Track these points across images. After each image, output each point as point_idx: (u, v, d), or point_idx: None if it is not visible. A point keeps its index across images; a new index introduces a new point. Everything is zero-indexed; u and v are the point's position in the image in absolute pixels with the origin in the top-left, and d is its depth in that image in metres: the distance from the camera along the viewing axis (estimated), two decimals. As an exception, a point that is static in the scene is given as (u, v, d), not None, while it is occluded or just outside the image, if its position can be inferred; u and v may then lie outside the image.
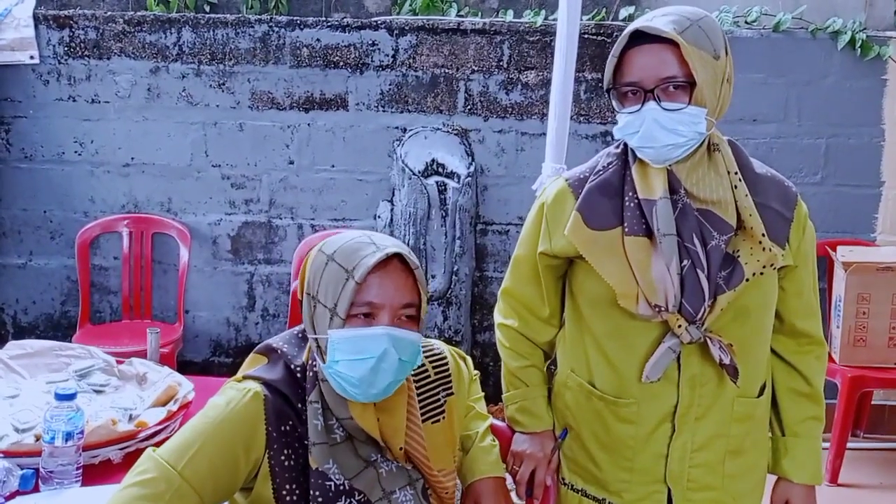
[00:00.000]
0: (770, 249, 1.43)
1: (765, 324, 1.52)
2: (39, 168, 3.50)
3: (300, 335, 1.40)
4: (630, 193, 1.47)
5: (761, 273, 1.44)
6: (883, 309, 3.19)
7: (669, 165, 1.44)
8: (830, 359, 3.30)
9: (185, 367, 3.53)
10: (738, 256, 1.43)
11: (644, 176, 1.46)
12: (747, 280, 1.42)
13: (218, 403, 1.31)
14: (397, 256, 1.31)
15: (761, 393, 1.55)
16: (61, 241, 3.54)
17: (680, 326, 1.42)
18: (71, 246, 3.48)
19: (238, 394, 1.31)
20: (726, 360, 1.44)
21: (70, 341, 3.29)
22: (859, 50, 3.36)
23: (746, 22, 3.42)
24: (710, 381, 1.48)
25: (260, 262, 3.58)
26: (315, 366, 1.33)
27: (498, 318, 1.66)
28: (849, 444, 3.21)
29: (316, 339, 1.32)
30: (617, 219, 1.47)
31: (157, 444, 1.36)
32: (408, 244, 3.42)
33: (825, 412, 3.26)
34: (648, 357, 1.46)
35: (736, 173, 1.46)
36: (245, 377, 1.35)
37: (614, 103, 1.48)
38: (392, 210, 3.49)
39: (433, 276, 3.46)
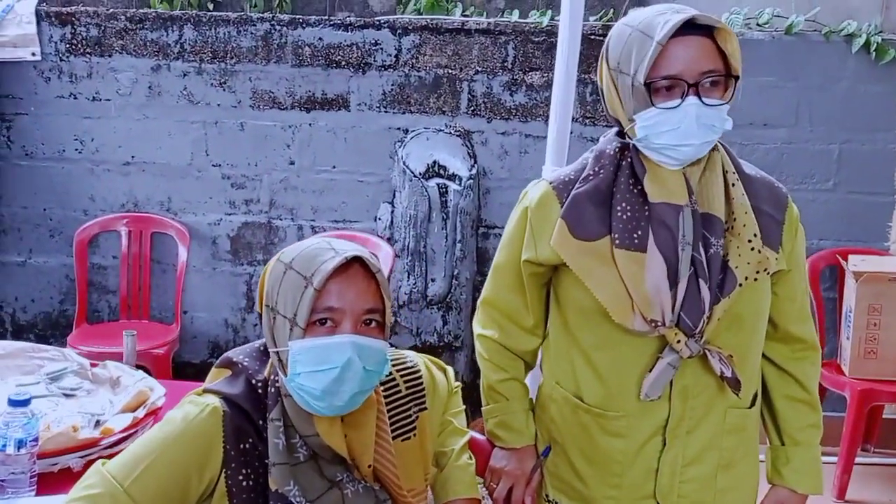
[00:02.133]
0: (759, 251, 1.38)
1: (758, 331, 1.47)
2: (40, 166, 3.49)
3: (262, 349, 1.34)
4: (623, 204, 1.38)
5: (755, 279, 1.38)
6: (895, 320, 3.09)
7: (683, 168, 1.38)
8: (840, 371, 3.21)
9: (182, 369, 3.51)
10: (728, 261, 1.37)
11: (661, 180, 1.38)
12: (740, 285, 1.36)
13: (174, 418, 1.26)
14: (357, 260, 1.25)
15: (753, 403, 1.49)
16: (61, 240, 3.52)
17: (679, 342, 1.36)
18: (70, 244, 3.46)
19: (195, 409, 1.26)
20: (728, 373, 1.38)
21: (66, 341, 3.29)
22: (874, 53, 3.26)
23: (758, 24, 3.33)
24: (702, 392, 1.42)
25: (259, 263, 3.54)
26: (277, 381, 1.27)
27: (477, 328, 1.58)
28: (858, 459, 3.12)
29: (277, 353, 1.26)
30: (605, 228, 1.39)
31: (119, 452, 1.31)
32: (408, 247, 3.37)
33: (834, 426, 3.21)
34: (642, 371, 1.39)
35: (734, 173, 1.41)
36: (205, 391, 1.30)
37: (634, 99, 1.36)
38: (392, 212, 3.44)
39: (433, 280, 3.40)
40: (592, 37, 3.18)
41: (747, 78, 3.26)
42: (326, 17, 3.41)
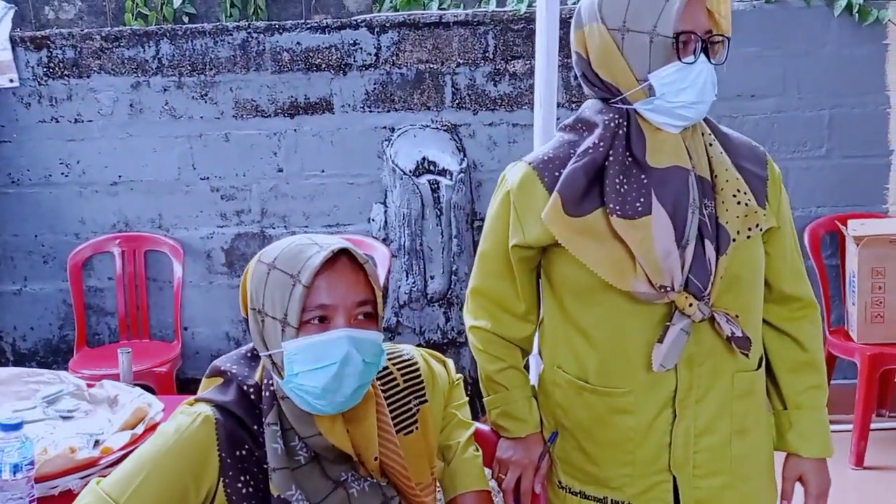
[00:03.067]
0: (747, 204, 1.36)
1: (757, 291, 1.45)
2: (27, 192, 3.46)
3: (249, 355, 1.31)
4: (620, 176, 1.34)
5: (748, 236, 1.37)
6: (899, 282, 3.07)
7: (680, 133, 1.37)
8: (848, 338, 3.18)
9: (187, 385, 3.48)
10: (718, 218, 1.36)
11: (665, 144, 1.35)
12: (734, 240, 1.35)
13: (166, 430, 1.23)
14: (344, 253, 1.22)
15: (759, 365, 1.47)
16: (55, 265, 3.50)
17: (691, 305, 1.32)
18: (64, 269, 3.43)
19: (187, 419, 1.23)
20: (738, 333, 1.35)
21: (67, 366, 3.26)
22: (857, 15, 3.23)
23: (738, -6, 3.31)
24: (707, 359, 1.39)
25: (255, 274, 3.50)
26: (271, 385, 1.24)
27: (468, 320, 1.54)
28: (874, 425, 3.09)
29: (269, 356, 1.23)
30: (597, 201, 1.36)
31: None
32: (404, 246, 3.35)
33: (847, 393, 3.17)
34: (649, 343, 1.36)
35: (709, 134, 1.41)
36: (197, 400, 1.27)
37: (653, 54, 1.33)
38: (386, 212, 3.42)
39: (432, 278, 3.38)
40: (570, 20, 3.15)
41: (731, 49, 3.24)
42: (303, 21, 3.38)
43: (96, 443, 1.61)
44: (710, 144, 1.40)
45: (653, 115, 1.36)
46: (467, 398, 1.54)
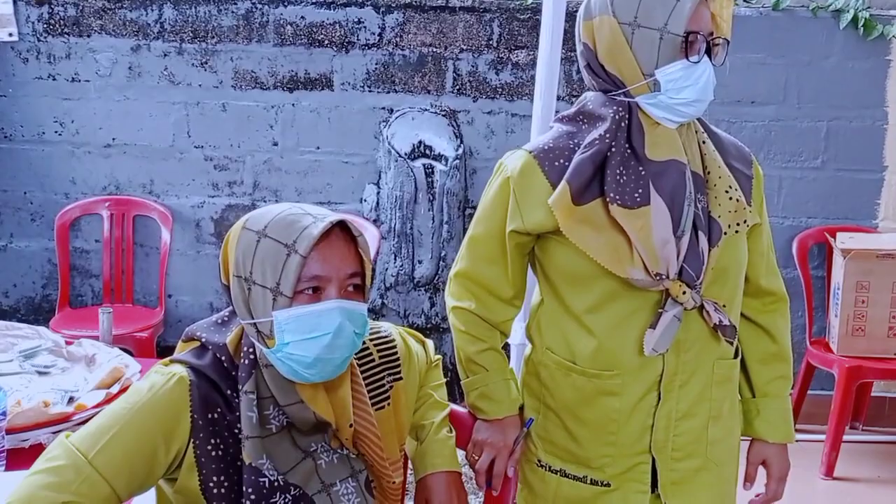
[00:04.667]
0: (738, 199, 1.42)
1: (740, 285, 1.51)
2: (19, 148, 3.43)
3: (220, 321, 1.31)
4: (621, 168, 1.38)
5: (736, 231, 1.42)
6: (883, 297, 3.08)
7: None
8: (828, 349, 3.20)
9: (167, 352, 3.41)
10: (711, 212, 1.41)
11: (664, 138, 1.40)
12: (725, 233, 1.41)
13: (140, 388, 1.23)
14: (338, 224, 1.21)
15: (737, 355, 1.53)
16: (42, 224, 3.48)
17: (685, 293, 1.38)
18: (51, 228, 3.41)
19: (162, 378, 1.23)
20: (725, 321, 1.42)
21: (48, 325, 3.25)
22: (862, 29, 3.23)
23: (745, 0, 3.30)
24: (693, 345, 1.44)
25: (244, 246, 3.49)
26: (251, 353, 1.24)
27: (451, 301, 1.56)
28: (847, 437, 3.12)
29: (255, 324, 1.22)
30: (598, 191, 1.40)
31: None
32: (394, 229, 3.34)
33: (823, 404, 3.19)
34: (641, 328, 1.40)
35: (702, 132, 1.46)
36: (172, 360, 1.27)
37: (663, 51, 1.36)
38: (378, 193, 3.41)
39: (420, 262, 3.37)
40: (576, 13, 3.14)
41: (735, 55, 3.23)
42: (309, -4, 3.36)
43: (70, 399, 1.61)
44: (704, 142, 1.45)
45: (654, 109, 1.39)
46: (445, 381, 1.54)
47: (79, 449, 1.17)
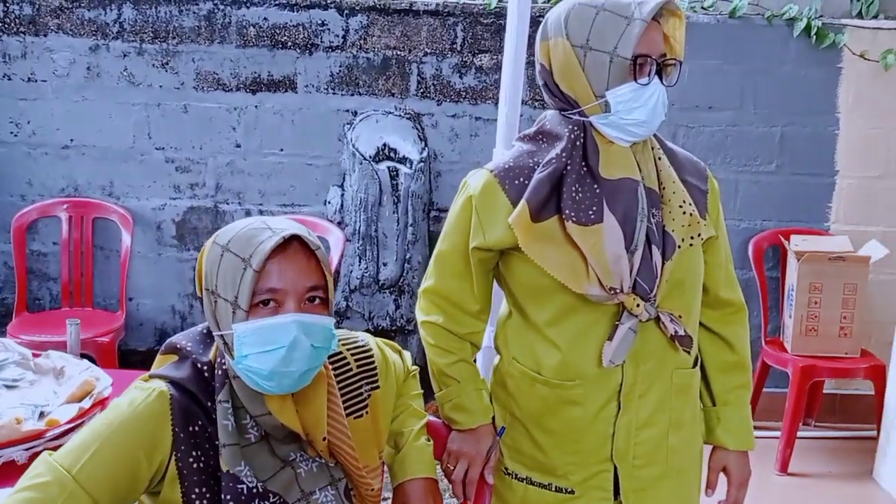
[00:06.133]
0: (691, 214, 1.46)
1: (697, 296, 1.55)
2: (-27, 149, 3.36)
3: (205, 332, 1.32)
4: (577, 185, 1.42)
5: (690, 244, 1.46)
6: (834, 299, 3.19)
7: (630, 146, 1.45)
8: (782, 348, 3.29)
9: (128, 356, 3.44)
10: (665, 226, 1.45)
11: (617, 157, 1.44)
12: (679, 247, 1.45)
13: (120, 404, 1.24)
14: (296, 238, 1.23)
15: (695, 364, 1.57)
16: (-3, 226, 3.41)
17: (638, 306, 1.42)
18: (8, 230, 3.34)
19: (142, 394, 1.24)
20: (680, 332, 1.46)
21: (5, 330, 3.18)
22: (815, 37, 3.33)
23: (703, 7, 3.38)
24: (651, 356, 1.48)
25: (206, 249, 3.47)
26: (224, 364, 1.26)
27: (420, 316, 1.60)
28: (801, 434, 3.21)
29: (221, 336, 1.24)
30: (554, 209, 1.44)
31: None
32: (359, 231, 3.34)
33: (777, 401, 3.29)
34: (600, 340, 1.44)
35: (658, 148, 1.51)
36: (151, 376, 1.28)
37: (612, 74, 1.40)
38: (342, 196, 3.41)
39: (385, 264, 3.39)
40: (540, 18, 3.17)
41: (693, 61, 3.33)
42: (272, -3, 3.34)
43: (41, 414, 1.59)
44: (660, 158, 1.49)
45: (607, 129, 1.44)
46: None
47: (62, 465, 1.17)
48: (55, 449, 1.24)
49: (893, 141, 3.41)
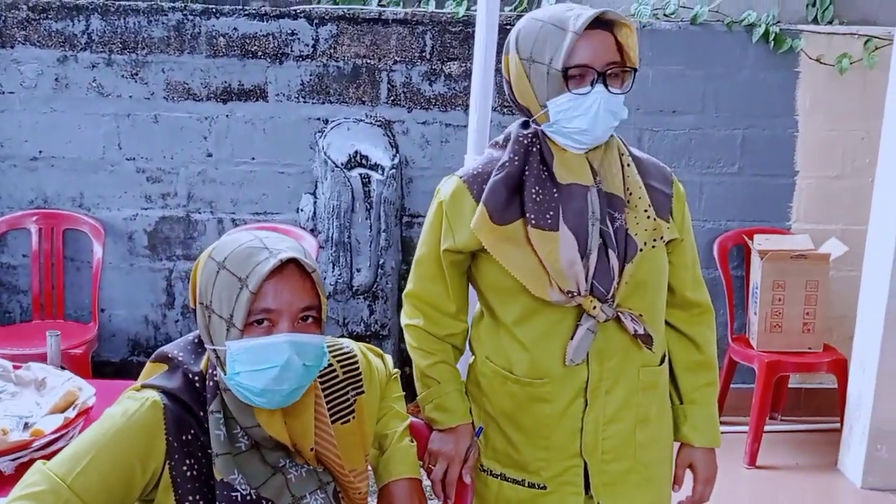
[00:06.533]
0: (654, 219, 1.51)
1: (660, 296, 1.60)
2: (-61, 162, 3.33)
3: (196, 342, 1.34)
4: (536, 188, 1.48)
5: (653, 245, 1.51)
6: (797, 295, 3.28)
7: (587, 153, 1.49)
8: (748, 345, 3.38)
9: (101, 368, 3.42)
10: (629, 230, 1.50)
11: (569, 163, 1.49)
12: (641, 250, 1.49)
13: (113, 413, 1.26)
14: (292, 261, 1.26)
15: (662, 362, 1.62)
16: (-35, 239, 3.37)
17: (595, 307, 1.47)
18: (-24, 244, 3.32)
19: (135, 403, 1.26)
20: (640, 331, 1.50)
21: (-25, 344, 3.15)
22: (773, 43, 3.43)
23: (665, 14, 3.46)
24: (616, 354, 1.53)
25: (179, 258, 3.47)
26: (215, 375, 1.28)
27: (404, 320, 1.65)
28: (768, 427, 3.30)
29: (214, 350, 1.27)
30: (518, 212, 1.50)
31: (54, 453, 1.29)
32: (332, 238, 3.37)
33: (745, 396, 3.37)
34: (564, 339, 1.50)
35: (627, 155, 1.55)
36: (143, 386, 1.30)
37: (549, 85, 1.46)
38: (315, 203, 3.43)
39: (358, 270, 3.41)
40: (508, 27, 3.23)
41: (656, 66, 3.41)
42: (241, 7, 3.36)
43: (25, 425, 1.59)
44: (628, 165, 1.54)
45: (556, 136, 1.51)
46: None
47: (57, 474, 1.19)
48: (43, 458, 1.26)
49: (850, 142, 3.52)
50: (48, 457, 1.26)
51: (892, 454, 3.08)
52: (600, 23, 1.44)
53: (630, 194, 1.52)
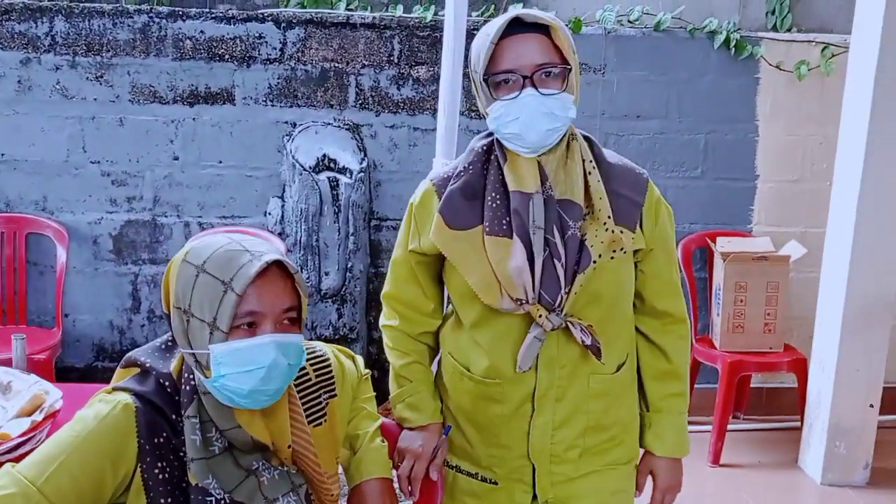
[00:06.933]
0: (613, 231, 1.48)
1: (620, 307, 1.58)
2: None
3: (163, 347, 1.34)
4: (493, 194, 1.50)
5: (611, 257, 1.49)
6: (758, 297, 3.35)
7: (539, 157, 1.48)
8: (712, 345, 3.44)
9: (65, 373, 3.38)
10: (585, 240, 1.48)
11: (517, 169, 1.49)
12: (594, 262, 1.47)
13: (85, 416, 1.25)
14: (275, 263, 1.27)
15: (618, 370, 1.59)
16: (-76, 244, 3.31)
17: (541, 316, 1.47)
18: (-65, 248, 3.26)
19: (107, 406, 1.25)
20: (588, 341, 1.49)
21: (-65, 350, 3.09)
22: (734, 49, 3.51)
23: (629, 21, 3.52)
24: (567, 363, 1.54)
25: (145, 262, 3.44)
26: (192, 379, 1.28)
27: (382, 320, 1.68)
28: (731, 426, 3.36)
29: (193, 355, 1.26)
30: (478, 218, 1.51)
31: (22, 457, 1.28)
32: (300, 241, 3.37)
33: (708, 396, 3.42)
34: (516, 344, 1.51)
35: (591, 161, 1.52)
36: (115, 389, 1.29)
37: (483, 95, 1.49)
38: (283, 206, 3.43)
39: (326, 274, 3.41)
40: (475, 31, 3.26)
41: (621, 72, 3.46)
42: (207, 10, 3.35)
43: (-9, 429, 1.58)
44: (590, 172, 1.51)
45: (503, 142, 1.51)
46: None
47: (26, 477, 1.18)
48: (12, 461, 1.25)
49: (808, 147, 3.61)
50: (16, 460, 1.24)
51: (851, 451, 3.16)
52: (528, 26, 1.43)
53: (592, 204, 1.49)
